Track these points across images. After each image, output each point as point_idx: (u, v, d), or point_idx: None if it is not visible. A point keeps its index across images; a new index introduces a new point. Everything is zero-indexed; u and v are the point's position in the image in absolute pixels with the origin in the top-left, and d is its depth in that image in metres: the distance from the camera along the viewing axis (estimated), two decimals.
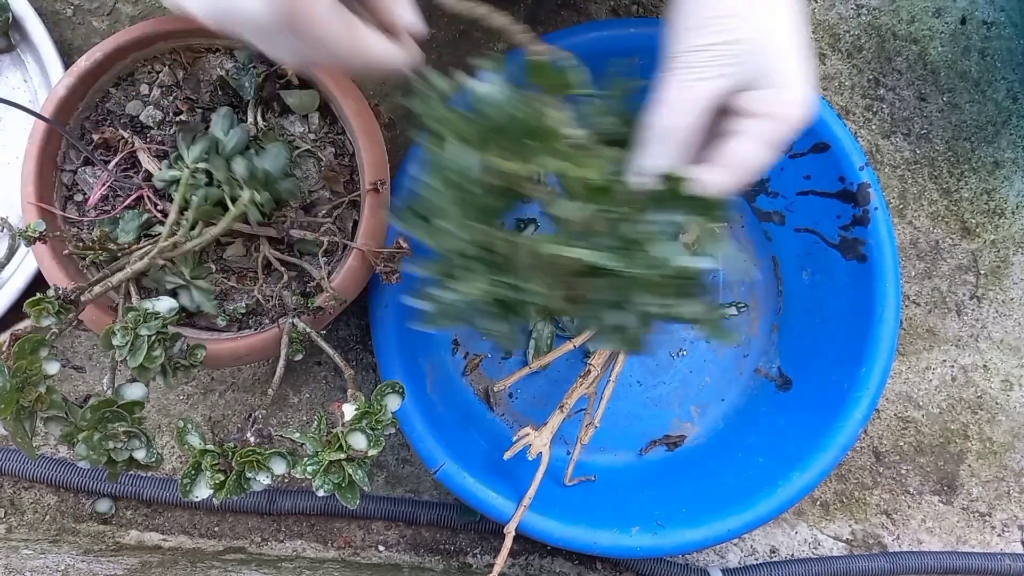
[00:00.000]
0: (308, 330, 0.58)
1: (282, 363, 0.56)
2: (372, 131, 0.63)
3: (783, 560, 0.79)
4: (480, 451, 0.71)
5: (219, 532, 0.75)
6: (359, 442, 0.49)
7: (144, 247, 0.56)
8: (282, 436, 0.51)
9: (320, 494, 0.48)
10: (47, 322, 0.47)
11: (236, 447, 0.48)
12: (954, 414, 0.82)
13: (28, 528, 0.74)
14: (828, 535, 0.81)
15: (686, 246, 0.37)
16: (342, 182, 0.64)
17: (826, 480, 0.80)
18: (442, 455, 0.65)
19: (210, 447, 0.47)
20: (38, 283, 0.69)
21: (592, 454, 0.76)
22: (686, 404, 0.78)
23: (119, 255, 0.57)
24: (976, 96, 0.82)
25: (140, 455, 0.48)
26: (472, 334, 0.76)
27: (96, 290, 0.50)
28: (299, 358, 0.59)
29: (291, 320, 0.58)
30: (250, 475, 0.48)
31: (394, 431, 0.52)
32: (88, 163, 0.62)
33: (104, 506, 0.74)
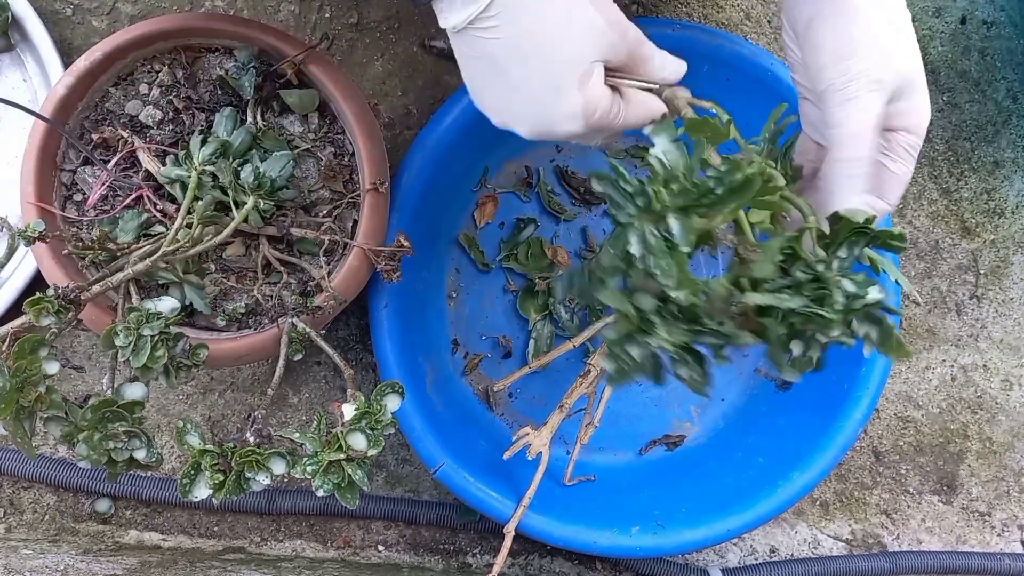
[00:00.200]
0: (308, 330, 0.58)
1: (281, 363, 0.56)
2: (372, 130, 0.63)
3: (783, 560, 0.79)
4: (480, 451, 0.71)
5: (218, 532, 0.75)
6: (359, 442, 0.49)
7: (144, 247, 0.56)
8: (282, 436, 0.51)
9: (320, 494, 0.48)
10: (46, 321, 0.46)
11: (235, 447, 0.48)
12: (954, 414, 0.82)
13: (27, 528, 0.74)
14: (828, 535, 0.81)
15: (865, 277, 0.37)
16: (342, 182, 0.64)
17: (826, 480, 0.80)
18: (441, 455, 0.65)
19: (209, 447, 0.47)
20: (37, 283, 0.69)
21: (592, 454, 0.76)
22: (686, 404, 0.78)
23: (118, 255, 0.57)
24: (976, 96, 0.82)
25: (140, 455, 0.48)
26: (472, 334, 0.76)
27: (95, 290, 0.50)
28: (299, 358, 0.59)
29: (291, 320, 0.58)
30: (249, 475, 0.48)
31: (394, 431, 0.52)
32: (88, 163, 0.62)
33: (103, 506, 0.74)
